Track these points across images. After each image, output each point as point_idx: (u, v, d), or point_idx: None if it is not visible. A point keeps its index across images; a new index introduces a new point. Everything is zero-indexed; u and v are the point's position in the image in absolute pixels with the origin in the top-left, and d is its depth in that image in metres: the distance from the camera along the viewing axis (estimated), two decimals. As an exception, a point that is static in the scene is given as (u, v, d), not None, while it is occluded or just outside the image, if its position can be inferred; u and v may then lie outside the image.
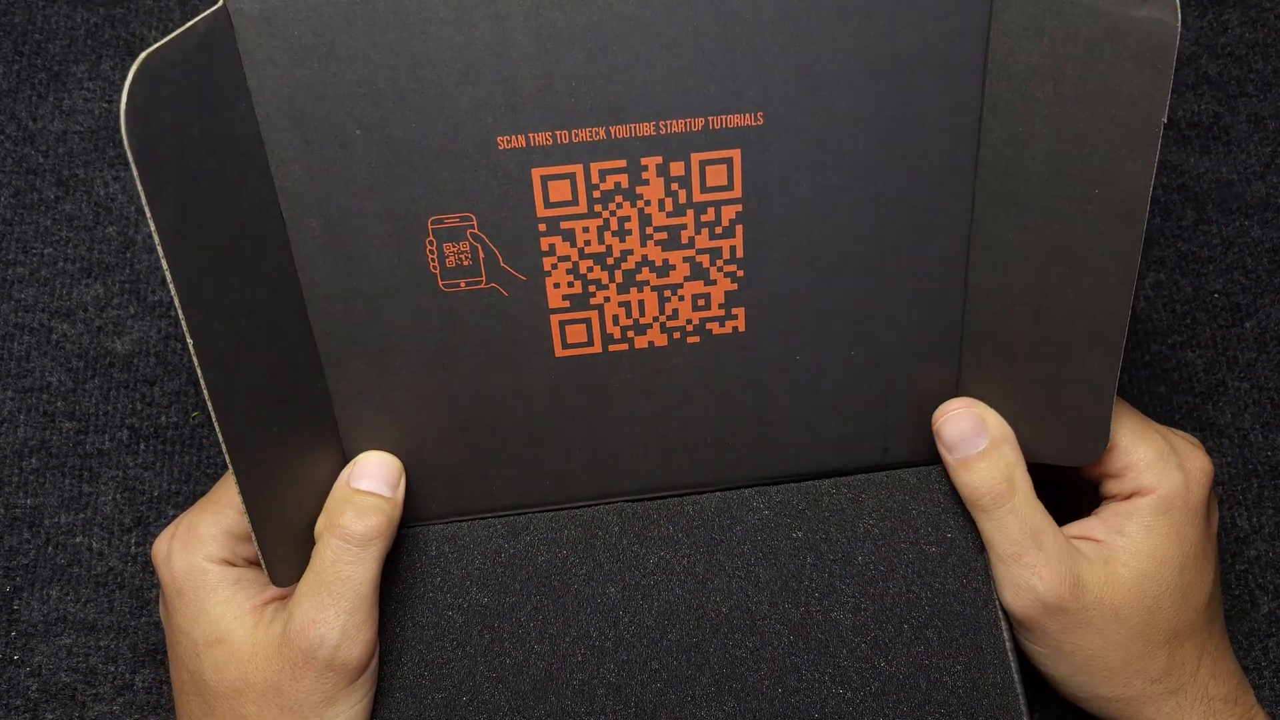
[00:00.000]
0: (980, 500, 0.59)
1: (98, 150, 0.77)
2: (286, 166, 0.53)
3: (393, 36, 0.51)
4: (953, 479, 0.60)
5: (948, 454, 0.60)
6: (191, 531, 0.57)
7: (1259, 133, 0.79)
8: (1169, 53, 0.50)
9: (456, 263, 0.56)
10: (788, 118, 0.54)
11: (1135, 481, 0.59)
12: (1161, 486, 0.58)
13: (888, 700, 0.59)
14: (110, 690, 0.67)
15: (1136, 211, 0.53)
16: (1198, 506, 0.59)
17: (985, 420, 0.60)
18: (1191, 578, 0.58)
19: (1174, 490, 0.58)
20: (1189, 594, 0.58)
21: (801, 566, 0.61)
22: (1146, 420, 0.61)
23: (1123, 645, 0.57)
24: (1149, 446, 0.59)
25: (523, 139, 0.54)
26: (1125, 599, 0.57)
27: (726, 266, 0.57)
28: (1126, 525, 0.58)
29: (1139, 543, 0.58)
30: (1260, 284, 0.76)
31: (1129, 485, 0.59)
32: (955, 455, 0.60)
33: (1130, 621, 0.57)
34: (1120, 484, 0.59)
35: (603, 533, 0.61)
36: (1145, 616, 0.57)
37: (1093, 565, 0.58)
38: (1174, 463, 0.59)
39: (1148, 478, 0.58)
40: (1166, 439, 0.60)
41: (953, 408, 0.60)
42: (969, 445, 0.59)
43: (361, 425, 0.59)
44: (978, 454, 0.59)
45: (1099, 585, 0.57)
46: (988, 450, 0.59)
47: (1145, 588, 0.57)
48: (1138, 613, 0.57)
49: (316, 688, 0.55)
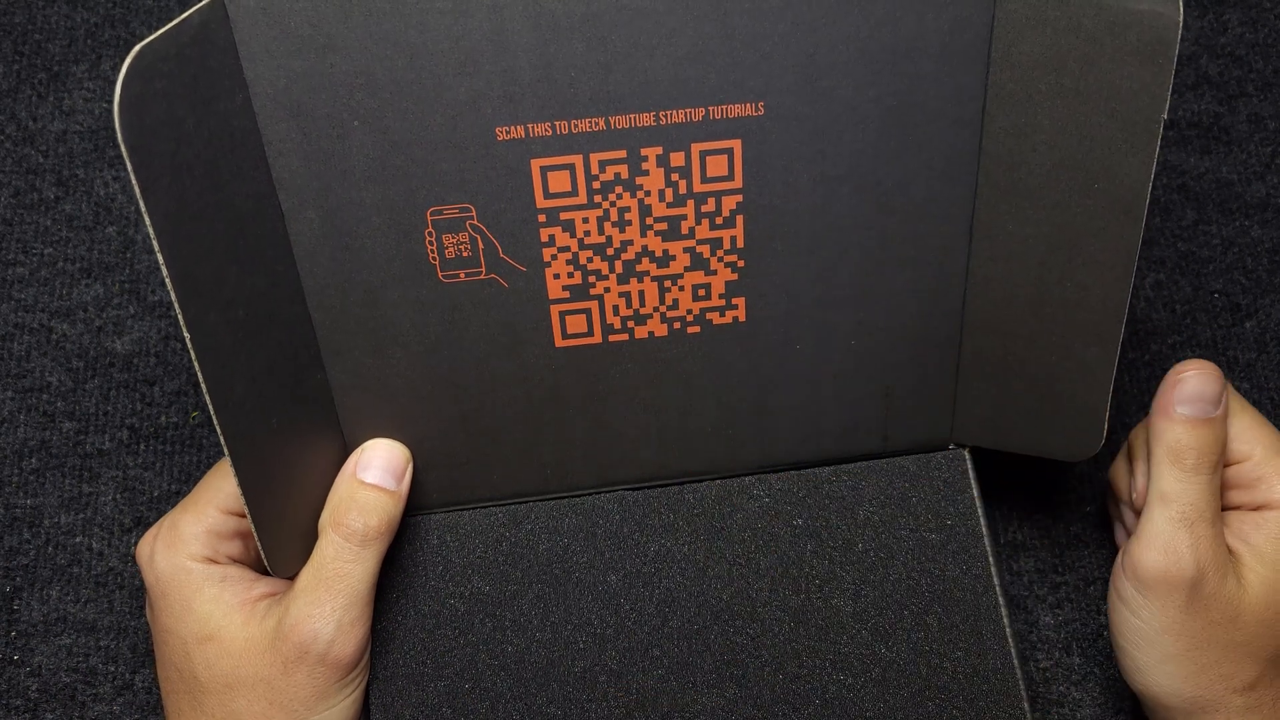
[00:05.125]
0: (1188, 459, 0.57)
1: (98, 150, 0.77)
2: (284, 158, 0.53)
3: (390, 27, 0.51)
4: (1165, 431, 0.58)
5: (1179, 406, 0.58)
6: (174, 531, 0.57)
7: (1259, 133, 0.79)
8: (1170, 47, 0.50)
9: (456, 254, 0.56)
10: (788, 108, 0.54)
11: (1267, 494, 0.58)
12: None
13: (888, 686, 0.59)
14: (110, 690, 0.67)
15: (1136, 206, 0.53)
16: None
17: (1224, 389, 0.58)
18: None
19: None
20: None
21: (802, 554, 0.61)
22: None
23: (1224, 645, 0.57)
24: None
25: (522, 129, 0.54)
26: (1249, 602, 0.56)
27: (727, 257, 0.57)
28: (1253, 535, 0.58)
29: (1266, 552, 0.57)
30: (1260, 284, 0.76)
31: (1260, 496, 0.58)
32: (1188, 410, 0.58)
33: (1244, 627, 0.57)
34: (1250, 494, 0.59)
35: (604, 521, 0.61)
36: (1259, 629, 0.57)
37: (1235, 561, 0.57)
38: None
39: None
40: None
41: (1196, 367, 0.58)
42: (1206, 407, 0.58)
43: (362, 416, 0.59)
44: (1211, 418, 0.57)
45: (1235, 581, 0.57)
46: (1220, 417, 0.58)
47: (1271, 599, 0.57)
48: (1255, 623, 0.57)
49: (309, 683, 0.55)
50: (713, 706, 0.59)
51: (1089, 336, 0.57)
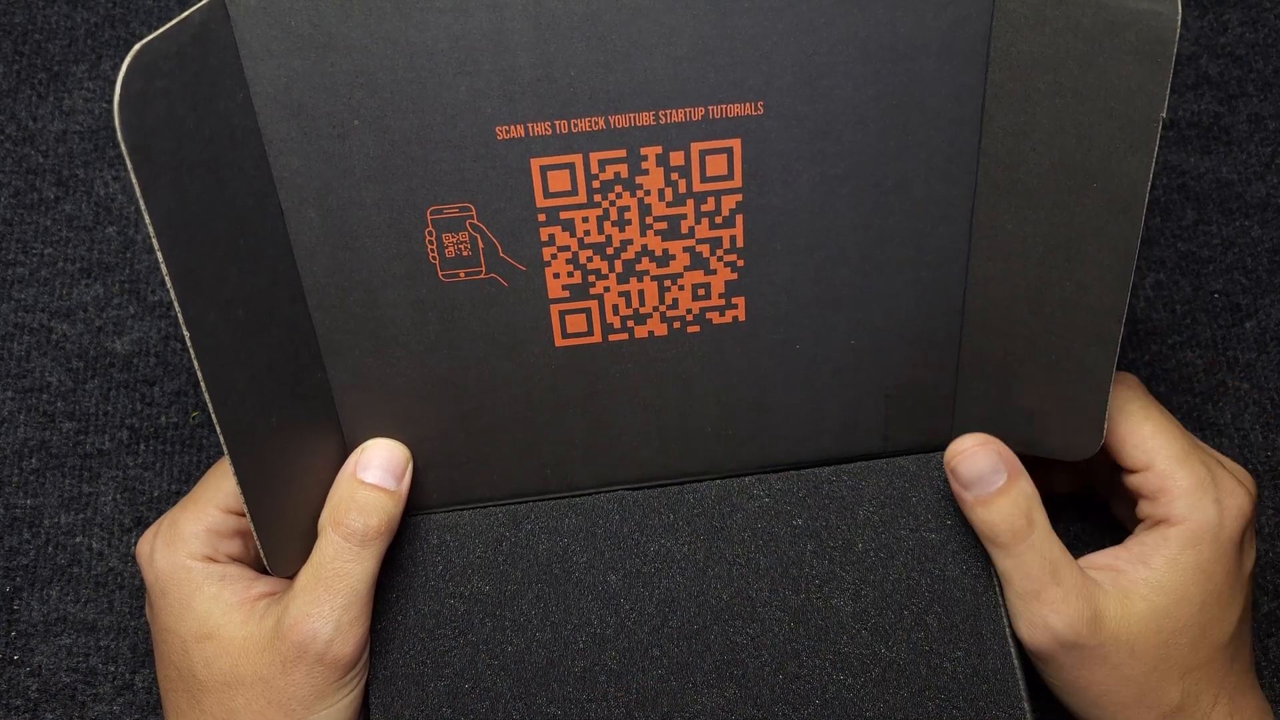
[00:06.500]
0: (999, 538, 0.57)
1: (98, 150, 0.77)
2: (284, 157, 0.53)
3: (390, 26, 0.51)
4: (969, 517, 0.59)
5: (964, 492, 0.58)
6: (174, 530, 0.57)
7: (1259, 133, 0.79)
8: (1169, 46, 0.50)
9: (456, 253, 0.56)
10: (788, 107, 0.54)
11: (1168, 508, 0.57)
12: (1192, 519, 0.57)
13: (888, 686, 0.59)
14: (110, 690, 0.67)
15: (1135, 206, 0.53)
16: (1228, 545, 0.57)
17: (1001, 456, 0.58)
18: (1213, 615, 0.57)
19: (1205, 525, 0.57)
20: (1207, 631, 0.57)
21: (802, 554, 0.61)
22: (1198, 446, 0.59)
23: (1136, 680, 0.56)
24: (1188, 474, 0.57)
25: (521, 129, 0.54)
26: (1141, 634, 0.56)
27: (726, 256, 0.57)
28: (1152, 557, 0.57)
29: (1161, 576, 0.56)
30: (1260, 284, 0.76)
31: (1160, 510, 0.58)
32: (974, 493, 0.58)
33: (1145, 657, 0.56)
34: (1153, 507, 0.58)
35: (603, 521, 0.61)
36: (1160, 651, 0.56)
37: (1110, 598, 0.56)
38: (1211, 496, 0.57)
39: (1180, 507, 0.57)
40: (1210, 470, 0.58)
41: (967, 445, 0.59)
42: (987, 483, 0.58)
43: (362, 415, 0.59)
44: (996, 491, 0.58)
45: (1115, 620, 0.56)
46: (1006, 487, 0.57)
47: (1162, 623, 0.56)
48: (1153, 648, 0.56)
49: (307, 682, 0.55)
50: (713, 706, 0.59)
51: (1088, 335, 0.57)
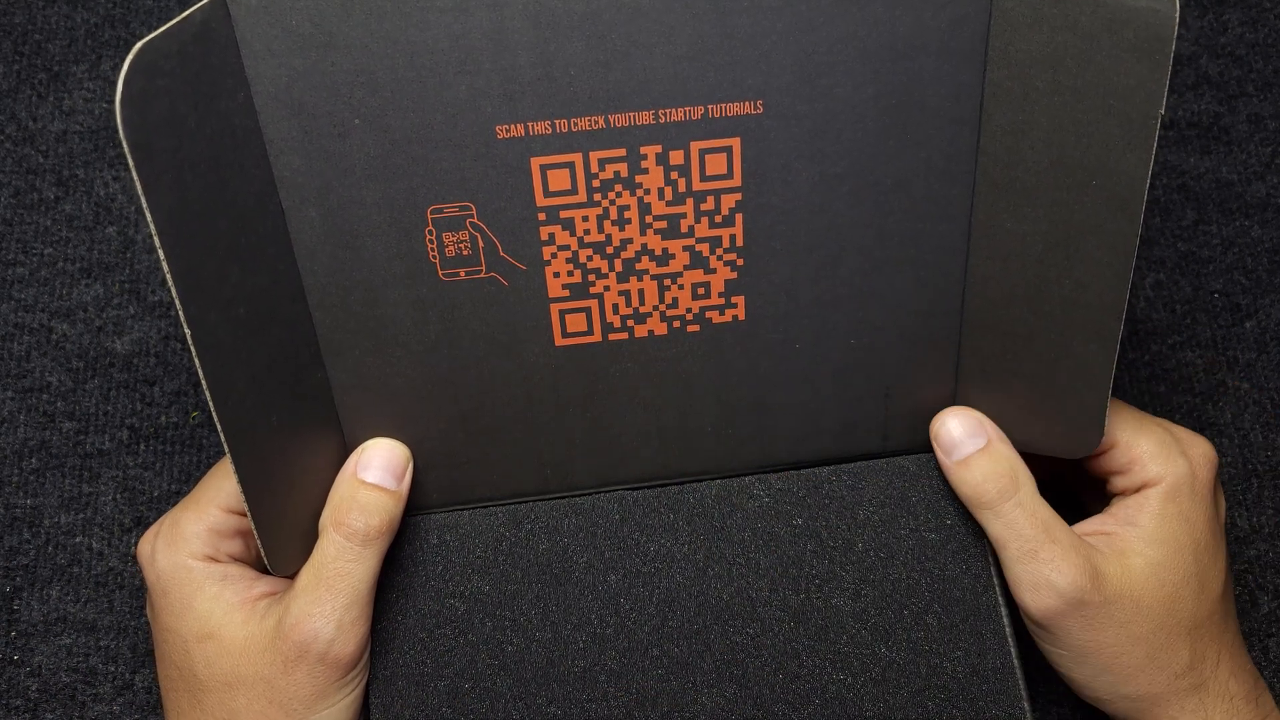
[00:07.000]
0: (985, 497, 0.58)
1: (98, 150, 0.77)
2: (285, 156, 0.53)
3: (390, 25, 0.51)
4: (953, 482, 0.60)
5: (946, 456, 0.60)
6: (175, 530, 0.57)
7: (1259, 133, 0.79)
8: (1167, 44, 0.50)
9: (456, 252, 0.56)
10: (787, 106, 0.54)
11: (1142, 474, 0.58)
12: (1168, 475, 0.58)
13: (888, 685, 0.59)
14: (110, 690, 0.67)
15: (1133, 204, 0.53)
16: (1204, 491, 0.59)
17: (981, 422, 0.60)
18: (1207, 563, 0.58)
19: (1180, 477, 0.58)
20: (1205, 581, 0.58)
21: (802, 553, 0.61)
22: (1144, 414, 0.61)
23: (1146, 639, 0.57)
24: (1150, 438, 0.59)
25: (521, 128, 0.54)
26: (1145, 588, 0.56)
27: (726, 255, 0.57)
28: (1137, 516, 0.58)
29: (1151, 531, 0.57)
30: (1260, 284, 0.76)
31: (1136, 478, 0.59)
32: (955, 455, 0.59)
33: (1153, 612, 0.56)
34: (1127, 479, 0.59)
35: (603, 521, 0.61)
36: (1167, 606, 0.57)
37: (1107, 558, 0.57)
38: (1176, 450, 0.59)
39: (1153, 468, 0.58)
40: (1167, 429, 0.60)
41: (947, 412, 0.61)
42: (968, 444, 0.59)
43: (362, 414, 0.59)
44: (978, 451, 0.59)
45: (1117, 577, 0.56)
46: (987, 447, 0.59)
47: (1163, 575, 0.57)
48: (1159, 602, 0.57)
49: (309, 682, 0.55)
50: (713, 706, 0.59)
51: (1088, 333, 0.57)
